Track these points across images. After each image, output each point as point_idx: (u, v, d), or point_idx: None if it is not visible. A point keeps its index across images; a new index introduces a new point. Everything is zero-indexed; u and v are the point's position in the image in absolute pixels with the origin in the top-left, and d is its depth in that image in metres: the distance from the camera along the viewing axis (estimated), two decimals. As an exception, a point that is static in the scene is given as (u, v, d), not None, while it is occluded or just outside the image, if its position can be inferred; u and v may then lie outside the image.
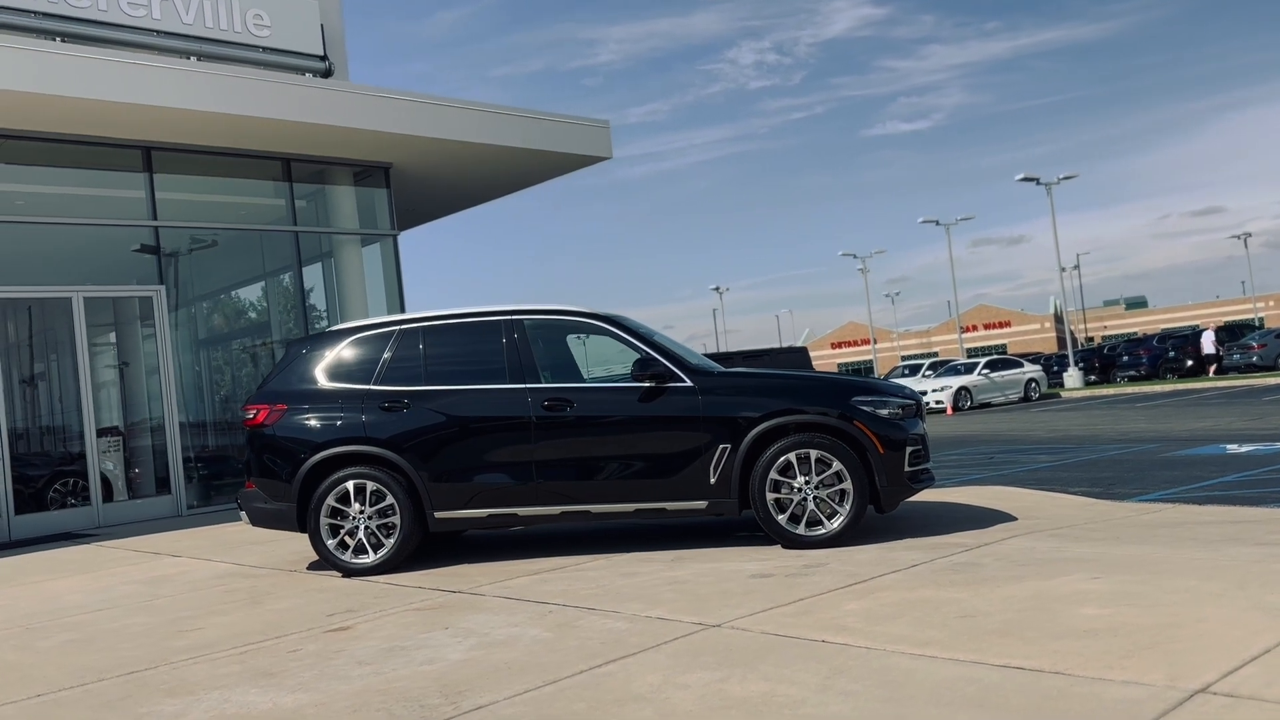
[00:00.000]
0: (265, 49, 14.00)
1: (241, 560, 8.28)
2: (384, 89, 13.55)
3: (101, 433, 13.57)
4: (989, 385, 32.41)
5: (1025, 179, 39.97)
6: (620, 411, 7.00)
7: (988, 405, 32.09)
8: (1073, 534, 6.77)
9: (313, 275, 14.98)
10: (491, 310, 7.39)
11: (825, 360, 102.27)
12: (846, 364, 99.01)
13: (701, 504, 6.87)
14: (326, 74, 14.66)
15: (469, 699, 3.96)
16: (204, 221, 13.85)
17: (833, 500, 6.74)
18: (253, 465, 7.38)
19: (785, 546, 6.78)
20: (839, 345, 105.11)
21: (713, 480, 6.81)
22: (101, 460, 12.84)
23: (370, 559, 7.03)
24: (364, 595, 6.36)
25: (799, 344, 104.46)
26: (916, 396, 7.32)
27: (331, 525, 7.09)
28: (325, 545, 7.07)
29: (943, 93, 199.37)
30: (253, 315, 15.62)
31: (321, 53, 14.64)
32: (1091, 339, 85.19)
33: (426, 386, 7.19)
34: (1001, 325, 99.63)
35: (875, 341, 76.23)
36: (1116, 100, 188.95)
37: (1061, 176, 40.02)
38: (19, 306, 12.82)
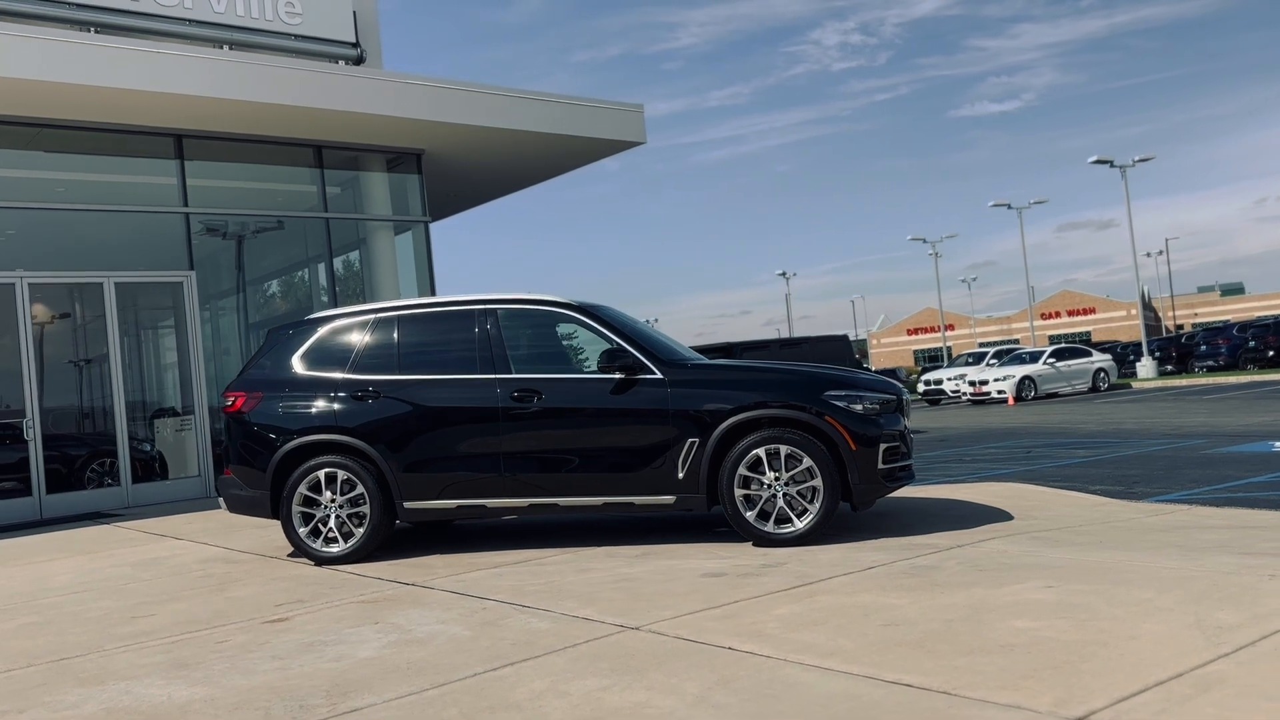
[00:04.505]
0: (296, 37, 14.15)
1: (233, 545, 8.37)
2: (414, 76, 13.56)
3: (158, 414, 13.92)
4: (1055, 375, 31.48)
5: (1098, 161, 38.66)
6: (588, 403, 6.87)
7: (1054, 395, 31.19)
8: (1059, 537, 6.48)
9: (345, 263, 15.14)
10: (466, 299, 7.32)
11: (900, 347, 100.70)
12: (922, 350, 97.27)
13: (669, 499, 6.73)
14: (358, 61, 14.77)
15: (349, 700, 3.90)
16: (236, 208, 14.06)
17: (804, 497, 6.54)
18: (230, 452, 7.44)
19: (755, 544, 6.61)
20: (914, 331, 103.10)
21: (681, 475, 6.66)
22: (141, 441, 13.15)
23: (340, 548, 7.03)
24: (322, 585, 6.35)
25: (873, 330, 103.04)
26: (898, 391, 7.05)
27: (304, 513, 7.10)
28: (297, 533, 7.09)
29: (1034, 72, 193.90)
30: (284, 301, 15.83)
31: (353, 40, 14.74)
32: (1181, 326, 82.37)
33: (398, 376, 7.15)
34: (1086, 312, 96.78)
35: (948, 328, 74.81)
36: (1214, 79, 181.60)
37: (1137, 159, 38.54)
38: (59, 291, 13.14)
